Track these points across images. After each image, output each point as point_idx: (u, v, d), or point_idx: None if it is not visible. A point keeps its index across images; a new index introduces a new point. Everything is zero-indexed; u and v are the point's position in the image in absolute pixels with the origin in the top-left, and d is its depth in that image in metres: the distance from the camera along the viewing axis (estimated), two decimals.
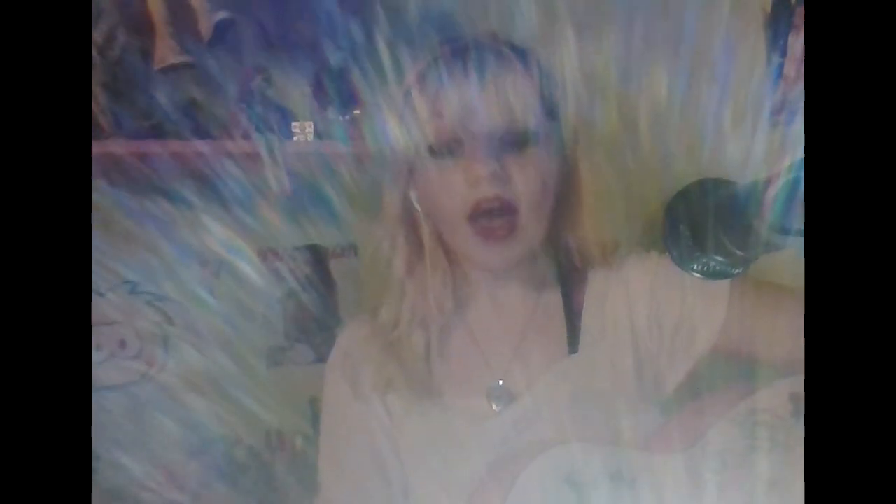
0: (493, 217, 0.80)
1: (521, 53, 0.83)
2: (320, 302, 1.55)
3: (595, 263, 0.89)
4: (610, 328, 0.86)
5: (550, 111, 0.83)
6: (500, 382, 0.86)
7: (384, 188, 0.88)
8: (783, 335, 0.78)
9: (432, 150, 0.82)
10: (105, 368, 1.41)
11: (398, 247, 0.88)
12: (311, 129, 1.36)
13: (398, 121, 0.83)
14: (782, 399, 0.75)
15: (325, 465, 0.93)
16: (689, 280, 0.83)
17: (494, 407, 0.84)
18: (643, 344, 0.85)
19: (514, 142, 0.81)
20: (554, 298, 0.89)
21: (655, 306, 0.85)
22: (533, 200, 0.81)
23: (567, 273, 0.90)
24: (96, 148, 1.21)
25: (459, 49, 0.82)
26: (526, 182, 0.81)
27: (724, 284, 0.83)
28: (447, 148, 0.81)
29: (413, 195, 0.87)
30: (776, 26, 1.14)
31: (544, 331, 0.88)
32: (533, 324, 0.88)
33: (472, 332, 0.89)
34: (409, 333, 0.88)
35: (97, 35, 1.24)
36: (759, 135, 1.06)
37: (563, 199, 0.86)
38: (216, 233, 1.37)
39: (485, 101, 0.79)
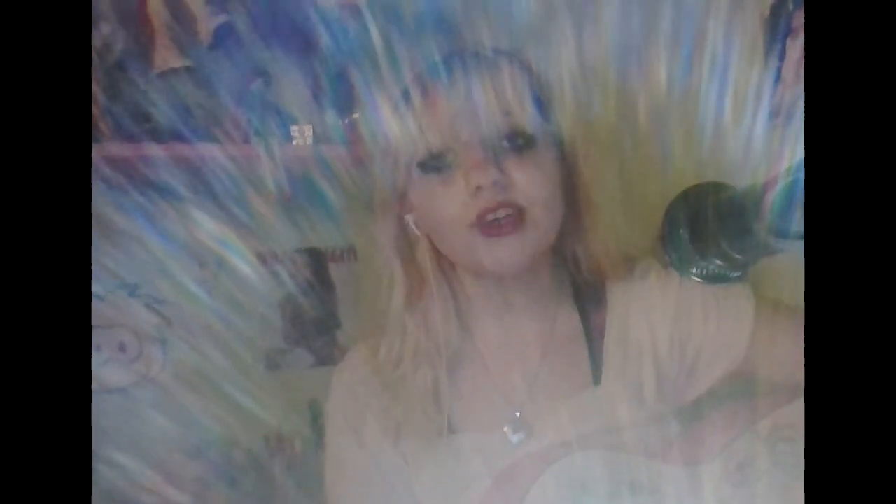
0: (501, 220, 0.77)
1: (508, 55, 0.81)
2: (319, 305, 1.55)
3: (609, 275, 0.85)
4: (632, 352, 0.83)
5: (544, 110, 0.81)
6: (518, 417, 0.82)
7: (378, 216, 0.85)
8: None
9: (428, 165, 0.79)
10: (105, 370, 1.41)
11: (396, 279, 0.84)
12: (311, 133, 1.36)
13: (389, 130, 0.81)
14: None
15: None
16: (713, 302, 0.82)
17: (513, 439, 0.81)
18: (664, 366, 0.83)
19: (513, 145, 0.78)
20: (570, 320, 0.86)
21: (678, 328, 0.83)
22: (539, 200, 0.78)
23: (583, 294, 0.87)
24: (96, 151, 1.20)
25: (444, 60, 0.79)
26: (530, 183, 0.78)
27: (748, 307, 0.82)
28: (444, 160, 0.78)
29: (410, 219, 0.83)
30: (774, 29, 1.14)
31: (563, 356, 0.84)
32: (550, 349, 0.85)
33: (483, 362, 0.86)
34: (414, 371, 0.84)
35: (97, 39, 1.24)
36: (757, 137, 1.05)
37: (569, 204, 0.83)
38: (215, 235, 1.37)
39: (478, 107, 0.77)
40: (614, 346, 0.84)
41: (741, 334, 0.81)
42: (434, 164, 0.79)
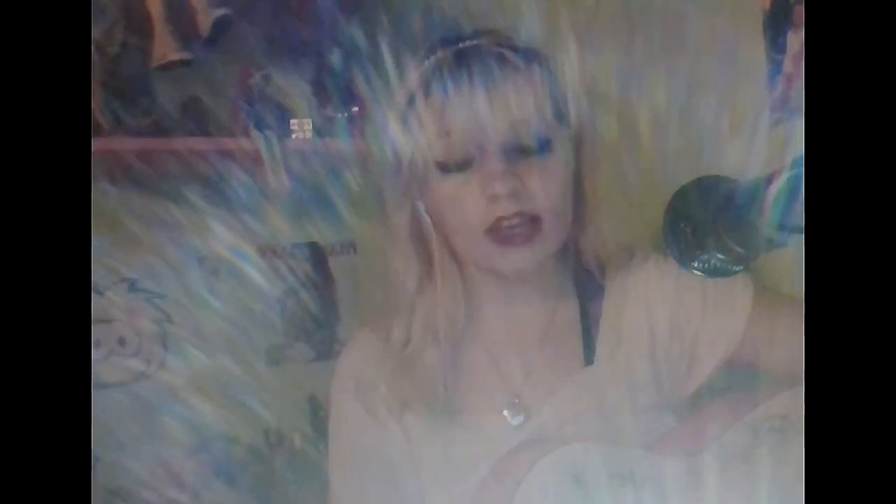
0: (515, 229, 0.78)
1: (526, 55, 0.81)
2: (319, 300, 1.56)
3: (610, 267, 0.87)
4: (627, 337, 0.84)
5: (560, 114, 0.81)
6: (517, 399, 0.84)
7: (390, 204, 0.85)
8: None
9: (443, 167, 0.79)
10: (104, 366, 1.41)
11: (409, 263, 0.86)
12: (310, 127, 1.36)
13: (401, 127, 0.81)
14: (800, 405, 0.74)
15: (338, 490, 0.91)
16: (711, 289, 0.82)
17: (512, 421, 0.83)
18: (661, 352, 0.84)
19: (528, 150, 0.78)
20: (570, 308, 0.87)
21: (675, 314, 0.84)
22: (553, 207, 0.79)
23: (584, 282, 0.88)
24: (94, 146, 1.20)
25: (461, 56, 0.79)
26: (545, 190, 0.78)
27: (746, 294, 0.82)
28: (458, 164, 0.79)
29: (421, 206, 0.84)
30: (775, 24, 1.14)
31: (561, 342, 0.86)
32: (549, 335, 0.86)
33: (486, 345, 0.87)
34: (422, 351, 0.86)
35: (96, 33, 1.24)
36: (759, 134, 1.05)
37: (575, 203, 0.84)
38: (215, 230, 1.37)
39: (493, 112, 0.77)
40: (609, 331, 0.85)
41: (738, 319, 0.82)
42: (452, 165, 0.79)
